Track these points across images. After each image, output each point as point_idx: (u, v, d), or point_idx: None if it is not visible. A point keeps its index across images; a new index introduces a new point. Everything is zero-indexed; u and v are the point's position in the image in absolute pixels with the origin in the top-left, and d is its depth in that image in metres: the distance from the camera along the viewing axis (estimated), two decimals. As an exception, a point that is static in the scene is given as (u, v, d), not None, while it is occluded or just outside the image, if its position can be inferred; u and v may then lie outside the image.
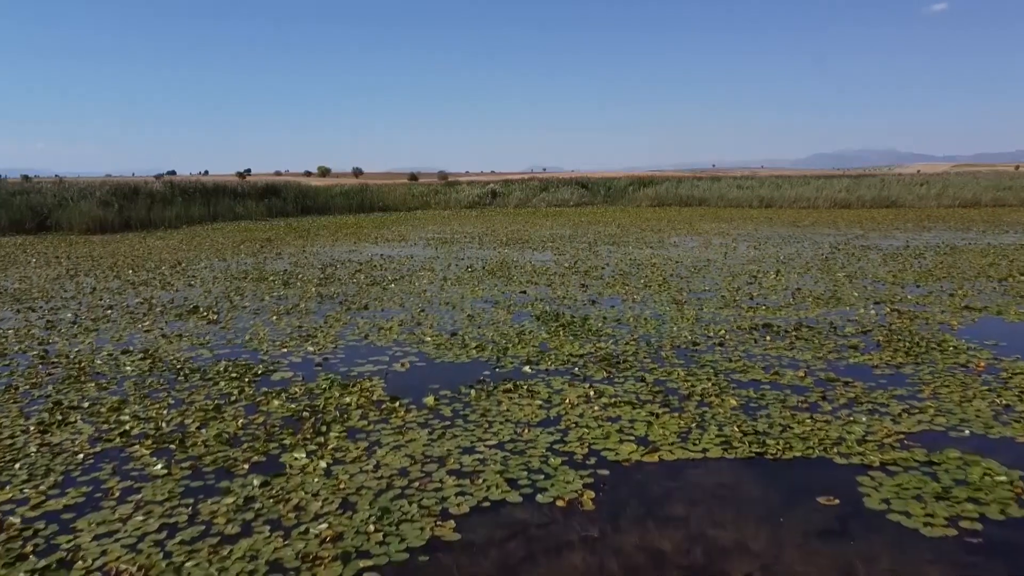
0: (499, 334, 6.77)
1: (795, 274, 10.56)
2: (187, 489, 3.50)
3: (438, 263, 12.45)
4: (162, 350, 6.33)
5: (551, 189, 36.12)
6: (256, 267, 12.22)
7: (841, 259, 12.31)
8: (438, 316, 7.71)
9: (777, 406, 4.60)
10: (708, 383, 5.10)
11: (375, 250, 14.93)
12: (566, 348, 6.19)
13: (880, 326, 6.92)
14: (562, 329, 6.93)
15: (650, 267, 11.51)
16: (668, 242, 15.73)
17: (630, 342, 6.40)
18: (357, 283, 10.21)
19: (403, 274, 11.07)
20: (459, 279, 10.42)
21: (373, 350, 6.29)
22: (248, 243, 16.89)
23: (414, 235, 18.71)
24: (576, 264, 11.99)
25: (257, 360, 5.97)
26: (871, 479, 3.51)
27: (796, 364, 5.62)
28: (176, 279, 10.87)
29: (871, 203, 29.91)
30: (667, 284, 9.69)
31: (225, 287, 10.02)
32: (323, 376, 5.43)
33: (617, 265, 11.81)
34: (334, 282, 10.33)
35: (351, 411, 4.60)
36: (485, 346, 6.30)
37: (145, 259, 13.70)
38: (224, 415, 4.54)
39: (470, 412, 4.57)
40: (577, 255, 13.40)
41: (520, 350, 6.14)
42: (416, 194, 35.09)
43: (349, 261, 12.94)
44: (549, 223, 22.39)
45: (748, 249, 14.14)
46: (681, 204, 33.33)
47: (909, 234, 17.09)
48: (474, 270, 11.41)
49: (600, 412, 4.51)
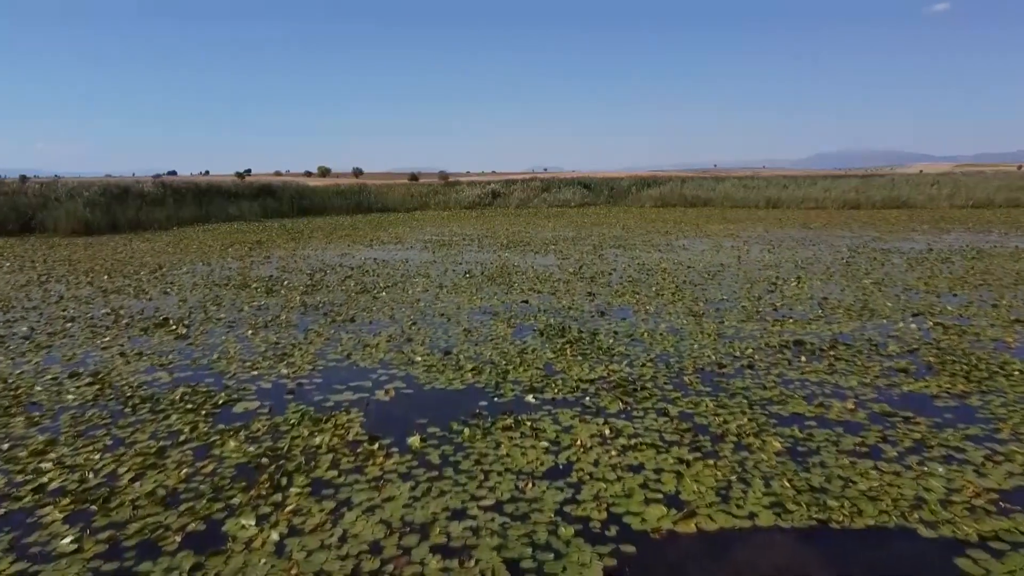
0: (498, 353, 6.02)
1: (817, 281, 9.79)
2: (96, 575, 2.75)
3: (434, 268, 11.69)
4: (116, 373, 5.57)
5: (553, 189, 35.36)
6: (241, 272, 11.47)
7: (863, 264, 11.55)
8: (431, 330, 6.96)
9: (830, 450, 3.84)
10: (743, 418, 4.34)
11: (369, 253, 14.18)
12: (574, 371, 5.43)
13: (926, 343, 6.15)
14: (569, 347, 6.17)
15: (661, 273, 10.75)
16: (677, 245, 14.97)
17: (646, 363, 5.64)
18: (346, 291, 9.45)
19: (396, 280, 10.32)
20: (456, 286, 9.67)
21: (355, 372, 5.53)
22: (237, 246, 16.14)
23: (411, 237, 17.96)
24: (581, 269, 11.24)
25: (221, 386, 5.21)
26: (973, 562, 2.75)
27: (841, 392, 4.86)
28: (152, 286, 10.12)
29: (881, 204, 29.13)
30: (681, 292, 8.93)
31: (203, 295, 9.26)
32: (293, 407, 4.67)
33: (625, 270, 11.05)
34: (321, 289, 9.58)
35: (320, 456, 3.84)
36: (482, 368, 5.54)
37: (126, 263, 12.95)
38: (167, 462, 3.78)
39: (462, 458, 3.81)
40: (582, 259, 12.64)
41: (522, 373, 5.39)
42: (415, 194, 34.34)
43: (340, 266, 12.18)
44: (551, 224, 21.63)
45: (762, 253, 13.37)
46: (686, 205, 32.55)
47: (928, 236, 16.31)
48: (472, 276, 10.66)
49: (618, 458, 3.76)
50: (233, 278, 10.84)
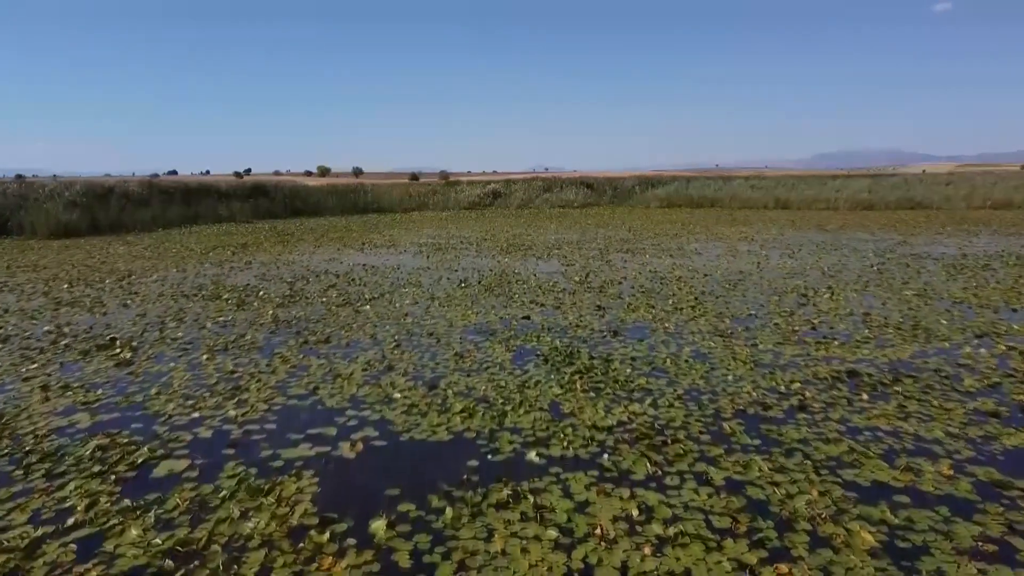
0: (494, 387, 5.01)
1: (852, 292, 8.77)
2: None
3: (427, 276, 10.69)
4: (25, 415, 4.56)
5: (555, 189, 34.31)
6: (216, 280, 10.47)
7: (896, 271, 10.52)
8: (416, 355, 5.95)
9: (944, 548, 2.82)
10: (811, 490, 3.33)
11: (359, 259, 13.17)
12: (587, 413, 4.42)
13: (1008, 376, 5.14)
14: (579, 378, 5.17)
15: (675, 282, 9.73)
16: (689, 249, 13.94)
17: (674, 402, 4.63)
18: (326, 303, 8.45)
19: (384, 291, 9.30)
20: (449, 298, 8.65)
21: (319, 415, 4.53)
22: (220, 249, 15.15)
23: (406, 240, 16.95)
24: (588, 277, 10.22)
25: (149, 434, 4.21)
26: None
27: (926, 448, 3.85)
28: (114, 297, 9.12)
29: (895, 204, 28.08)
30: (702, 306, 7.91)
31: (166, 308, 8.26)
32: (231, 469, 3.67)
33: (636, 279, 10.04)
34: (299, 301, 8.57)
35: (247, 554, 2.84)
36: (474, 409, 4.53)
37: (94, 270, 11.95)
38: (33, 567, 2.77)
39: (440, 557, 2.81)
40: (588, 265, 11.63)
41: (522, 417, 4.38)
42: (413, 194, 33.29)
43: (326, 273, 11.18)
44: (554, 226, 20.62)
45: (782, 258, 12.35)
46: (692, 205, 31.50)
47: (956, 240, 15.27)
48: (468, 285, 9.65)
49: (656, 563, 2.74)
50: (206, 287, 9.84)
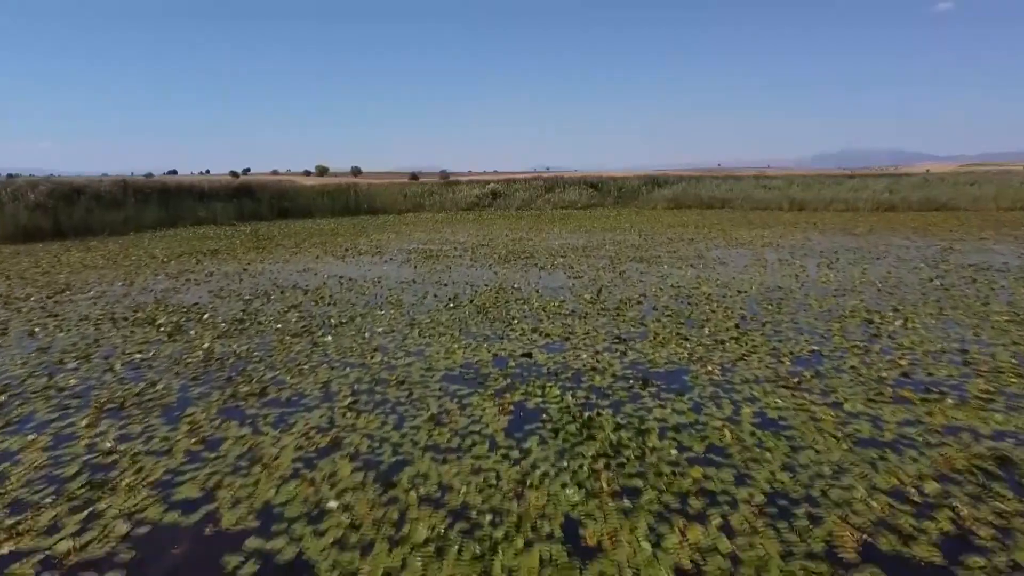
0: (481, 485, 3.38)
1: (928, 317, 7.13)
2: None
3: (411, 292, 9.06)
4: None
5: (557, 190, 32.65)
6: (161, 298, 8.85)
7: (964, 288, 8.88)
8: (377, 420, 4.32)
9: None
10: None
11: (337, 268, 11.54)
12: (623, 548, 2.79)
13: None
14: (604, 467, 3.54)
15: (705, 301, 8.11)
16: (710, 257, 12.31)
17: (756, 524, 3.00)
18: (281, 331, 6.83)
19: (356, 313, 7.68)
20: (433, 324, 7.03)
21: (200, 549, 2.90)
22: (186, 256, 13.53)
23: (395, 245, 15.33)
24: (600, 294, 8.60)
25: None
26: None
27: None
28: (26, 320, 7.50)
29: (919, 205, 26.44)
30: (747, 337, 6.28)
31: (79, 338, 6.64)
32: None
33: (656, 296, 8.41)
34: (249, 328, 6.95)
35: None
36: (447, 540, 2.91)
37: (30, 282, 10.33)
38: None
39: None
40: (598, 278, 10.01)
41: (524, 560, 2.75)
42: (409, 195, 31.64)
43: (293, 287, 9.56)
44: (557, 230, 18.99)
45: (820, 268, 10.72)
46: (702, 206, 29.85)
47: (1009, 246, 13.60)
48: (458, 305, 8.02)
49: None
50: (145, 307, 8.22)
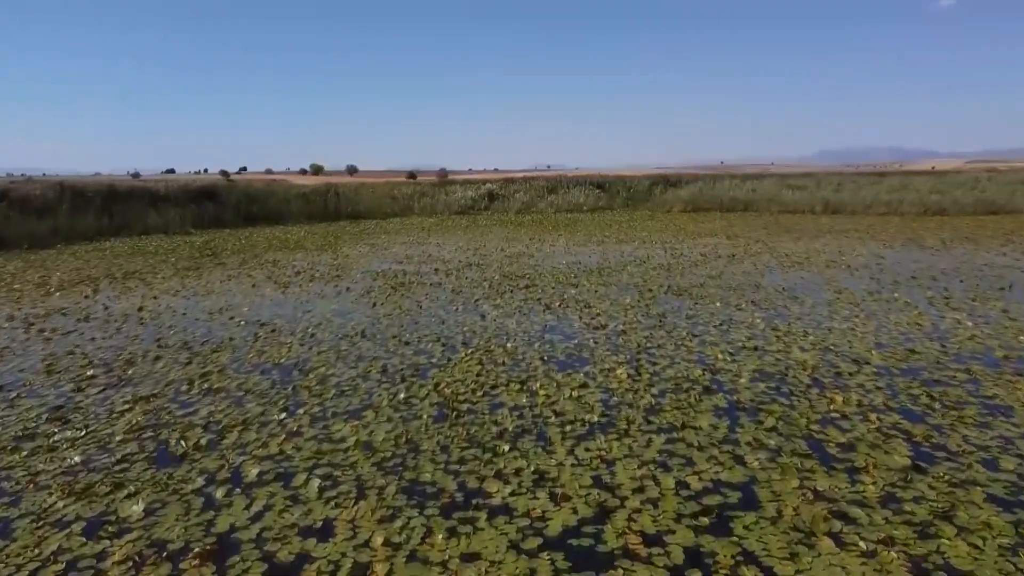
0: None
1: None
2: None
3: (350, 359, 5.96)
4: None
5: (560, 190, 29.44)
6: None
7: None
8: None
9: None
10: None
11: (267, 309, 8.42)
12: None
13: None
14: None
15: (810, 385, 5.00)
16: (770, 288, 9.17)
17: None
18: (71, 477, 3.73)
19: (246, 415, 4.57)
20: (346, 463, 3.91)
21: None
22: (86, 283, 10.43)
23: (363, 264, 12.22)
24: (639, 367, 5.48)
25: None
26: None
27: None
28: None
29: (972, 209, 23.30)
30: (966, 511, 3.17)
31: None
32: None
33: (731, 372, 5.29)
34: (36, 457, 3.86)
35: None
36: None
37: None
38: None
39: None
40: (628, 324, 6.93)
41: None
42: (397, 197, 28.40)
43: (185, 345, 6.47)
44: (563, 240, 15.86)
45: (944, 309, 7.61)
46: (722, 209, 26.70)
47: None
48: (417, 397, 4.92)
49: None
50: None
